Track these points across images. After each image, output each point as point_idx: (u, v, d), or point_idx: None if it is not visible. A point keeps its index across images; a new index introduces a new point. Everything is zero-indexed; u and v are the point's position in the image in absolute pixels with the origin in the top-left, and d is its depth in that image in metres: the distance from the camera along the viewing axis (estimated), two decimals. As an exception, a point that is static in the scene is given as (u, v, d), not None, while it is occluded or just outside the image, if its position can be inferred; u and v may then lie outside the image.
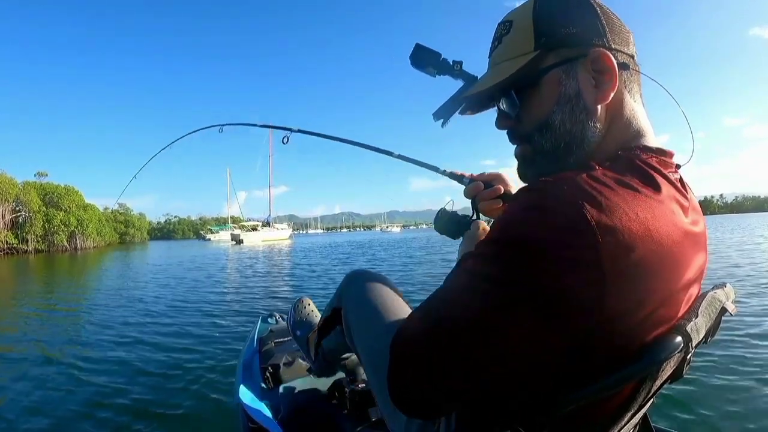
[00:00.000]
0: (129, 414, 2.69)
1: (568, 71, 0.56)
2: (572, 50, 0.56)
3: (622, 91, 0.56)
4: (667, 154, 0.56)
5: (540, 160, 0.61)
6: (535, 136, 0.59)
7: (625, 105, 0.57)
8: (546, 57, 0.57)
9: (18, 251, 52.39)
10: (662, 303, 0.49)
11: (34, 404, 2.94)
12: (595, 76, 0.55)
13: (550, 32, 0.56)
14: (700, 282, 0.56)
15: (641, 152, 0.54)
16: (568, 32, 0.55)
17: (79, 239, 60.61)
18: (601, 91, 0.55)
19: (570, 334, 0.46)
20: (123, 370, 3.64)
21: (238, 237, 56.38)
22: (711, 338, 0.60)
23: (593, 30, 0.56)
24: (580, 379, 0.49)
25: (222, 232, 78.32)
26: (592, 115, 0.56)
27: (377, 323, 0.91)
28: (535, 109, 0.59)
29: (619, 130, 0.57)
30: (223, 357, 3.77)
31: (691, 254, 0.51)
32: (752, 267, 7.94)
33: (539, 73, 0.57)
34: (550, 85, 0.57)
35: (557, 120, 0.57)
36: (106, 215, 75.70)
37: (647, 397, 0.56)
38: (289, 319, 1.52)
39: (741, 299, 5.12)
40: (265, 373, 1.88)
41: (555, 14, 0.56)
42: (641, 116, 0.58)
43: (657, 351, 0.49)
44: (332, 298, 1.13)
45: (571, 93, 0.56)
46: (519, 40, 0.58)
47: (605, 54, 0.54)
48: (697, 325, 0.52)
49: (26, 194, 56.28)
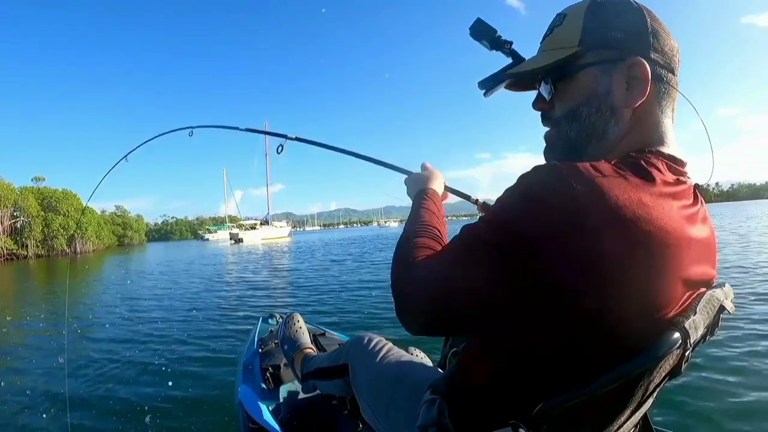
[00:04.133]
0: (129, 414, 2.70)
1: (604, 71, 0.59)
2: (613, 53, 0.58)
3: (652, 101, 0.59)
4: (678, 162, 0.58)
5: (562, 146, 0.65)
6: (563, 123, 0.64)
7: (652, 114, 0.59)
8: (587, 54, 0.60)
9: (18, 257, 52.16)
10: (650, 296, 0.49)
11: (35, 403, 2.96)
12: (629, 81, 0.57)
13: (596, 32, 0.59)
14: (701, 289, 0.56)
15: (651, 155, 0.56)
16: (613, 36, 0.58)
17: (78, 243, 60.48)
18: (630, 96, 0.57)
19: (561, 321, 0.48)
20: (123, 370, 3.65)
21: (237, 236, 56.24)
22: (710, 336, 0.62)
23: (637, 38, 0.58)
24: (579, 374, 0.50)
25: (220, 232, 78.05)
26: (617, 116, 0.59)
27: (387, 390, 1.01)
28: (568, 98, 0.63)
29: (639, 135, 0.59)
30: (223, 357, 3.79)
31: (689, 256, 0.51)
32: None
33: (577, 67, 0.60)
34: (585, 79, 0.60)
35: (584, 112, 0.60)
36: (104, 218, 75.55)
37: (646, 393, 0.56)
38: (280, 331, 1.62)
39: (754, 301, 5.06)
40: (265, 374, 1.89)
41: (605, 16, 0.59)
42: (666, 129, 0.60)
43: (656, 347, 0.50)
44: (338, 352, 1.27)
45: (602, 91, 0.59)
46: (567, 34, 0.62)
47: (642, 63, 0.56)
48: (695, 322, 0.53)
49: (24, 199, 55.99)
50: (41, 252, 56.12)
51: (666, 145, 0.59)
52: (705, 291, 0.59)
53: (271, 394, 1.79)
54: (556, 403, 0.50)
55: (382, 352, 1.13)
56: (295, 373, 1.52)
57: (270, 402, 1.70)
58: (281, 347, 1.60)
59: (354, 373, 1.15)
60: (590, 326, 0.48)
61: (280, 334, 1.61)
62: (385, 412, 0.98)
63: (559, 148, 0.66)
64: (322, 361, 1.34)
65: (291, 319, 1.62)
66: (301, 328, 1.59)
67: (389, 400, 0.97)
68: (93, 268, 19.56)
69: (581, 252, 0.45)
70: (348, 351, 1.22)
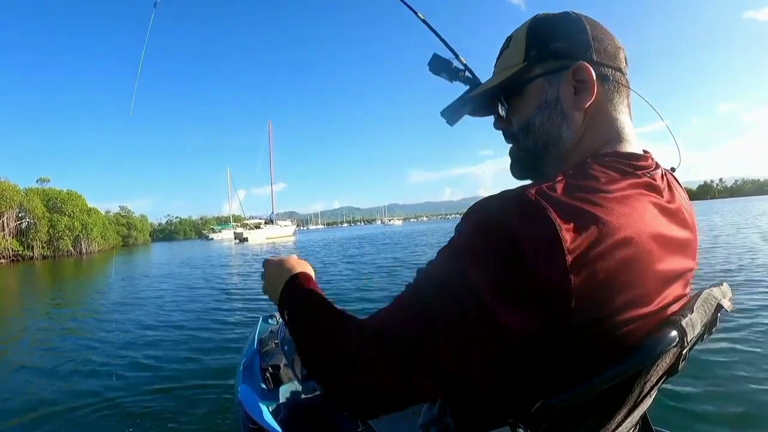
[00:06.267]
0: (128, 413, 2.71)
1: (550, 80, 0.63)
2: (557, 62, 0.62)
3: (602, 100, 0.62)
4: (641, 158, 0.60)
5: (524, 158, 0.68)
6: (520, 136, 0.67)
7: (604, 113, 0.62)
8: (533, 68, 0.64)
9: (23, 258, 52.63)
10: (628, 296, 0.49)
11: (36, 402, 2.99)
12: (576, 85, 0.61)
13: (539, 46, 0.63)
14: (683, 285, 0.58)
15: (608, 157, 0.58)
16: (555, 47, 0.62)
17: (83, 243, 60.89)
18: (579, 100, 0.61)
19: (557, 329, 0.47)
20: (123, 370, 3.67)
21: (241, 235, 56.60)
22: (708, 335, 0.63)
23: (579, 45, 0.62)
24: (577, 373, 0.50)
25: (224, 231, 78.55)
26: (568, 120, 0.62)
27: None
28: (521, 112, 0.66)
29: (595, 134, 0.62)
30: (223, 357, 3.79)
31: (658, 250, 0.51)
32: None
33: (525, 81, 0.64)
34: (534, 92, 0.64)
35: (537, 122, 0.64)
36: (108, 218, 76.04)
37: (644, 391, 0.57)
38: (280, 331, 1.63)
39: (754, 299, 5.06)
40: (265, 374, 1.88)
41: (545, 31, 0.64)
42: (621, 124, 0.63)
43: (652, 345, 0.50)
44: None
45: (551, 99, 0.63)
46: (513, 53, 0.66)
47: (585, 66, 0.60)
48: (692, 320, 0.54)
49: (30, 201, 56.49)
50: (47, 253, 56.63)
51: (624, 141, 0.62)
52: (702, 290, 0.60)
53: (271, 394, 1.77)
54: (554, 402, 0.50)
55: None
56: (295, 374, 1.51)
57: (270, 402, 1.68)
58: (281, 348, 1.59)
59: None
60: (586, 331, 0.48)
61: (280, 335, 1.61)
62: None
63: (522, 161, 0.69)
64: None
65: None
66: None
67: None
68: (98, 268, 19.66)
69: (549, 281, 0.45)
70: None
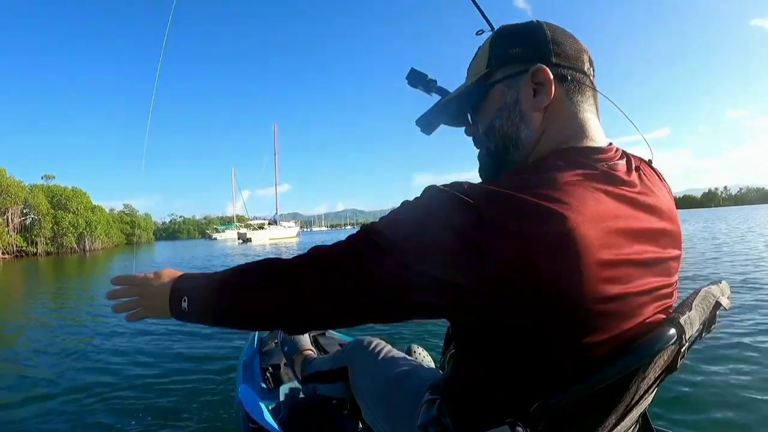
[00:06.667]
0: (128, 413, 2.71)
1: (510, 84, 0.65)
2: (516, 67, 0.65)
3: (561, 99, 0.63)
4: (599, 150, 0.60)
5: (488, 161, 0.71)
6: (485, 139, 0.70)
7: (563, 111, 0.64)
8: (494, 74, 0.67)
9: (27, 254, 52.93)
10: (573, 287, 0.47)
11: (37, 401, 2.99)
12: (535, 87, 0.63)
13: (500, 53, 0.67)
14: (663, 273, 0.57)
15: (563, 152, 0.59)
16: (514, 52, 0.65)
17: (87, 241, 61.18)
18: (537, 100, 0.63)
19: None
20: (122, 369, 3.66)
21: (245, 236, 56.79)
22: (706, 333, 0.63)
23: (537, 49, 0.64)
24: (575, 371, 0.50)
25: (228, 231, 78.72)
26: (526, 120, 0.64)
27: (388, 392, 1.03)
28: (485, 116, 0.69)
29: (553, 132, 0.63)
30: (223, 357, 3.79)
31: (615, 240, 0.50)
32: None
33: (488, 86, 0.68)
34: (495, 96, 0.67)
35: (498, 124, 0.67)
36: (112, 216, 76.37)
37: (644, 389, 0.57)
38: (280, 332, 1.64)
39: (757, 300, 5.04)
40: (265, 374, 1.88)
41: (506, 39, 0.67)
42: (583, 122, 0.64)
43: (650, 343, 0.50)
44: (338, 356, 1.29)
45: (511, 102, 0.65)
46: (479, 62, 0.70)
47: (542, 68, 0.62)
48: (690, 318, 0.54)
49: (34, 197, 56.82)
50: (51, 249, 56.95)
51: (586, 137, 0.63)
52: (701, 288, 0.62)
53: (271, 393, 1.78)
54: (552, 400, 0.50)
55: (382, 355, 1.15)
56: (295, 373, 1.53)
57: (270, 402, 1.68)
58: (281, 349, 1.61)
59: (354, 376, 1.17)
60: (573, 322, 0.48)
61: (280, 336, 1.62)
62: (385, 414, 1.01)
63: (488, 164, 0.71)
64: (321, 364, 1.35)
65: None
66: None
67: (390, 402, 1.00)
68: (100, 265, 19.70)
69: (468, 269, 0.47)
70: (348, 354, 1.24)
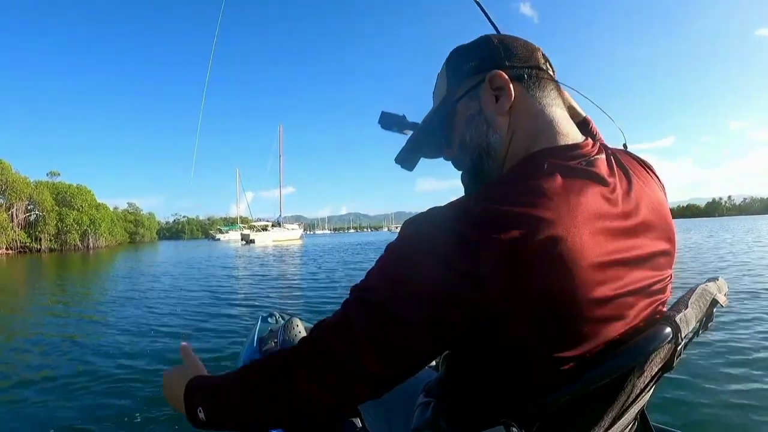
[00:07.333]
0: (126, 413, 2.70)
1: (472, 96, 0.65)
2: (473, 79, 0.65)
3: (523, 98, 0.63)
4: (575, 147, 0.60)
5: (469, 181, 0.70)
6: (460, 157, 0.69)
7: (528, 109, 0.63)
8: (455, 92, 0.67)
9: (31, 250, 52.95)
10: (568, 286, 0.47)
11: (38, 400, 3.01)
12: (496, 93, 0.62)
13: (456, 71, 0.67)
14: (653, 267, 0.57)
15: (538, 155, 0.58)
16: (470, 66, 0.66)
17: (91, 238, 61.29)
18: (499, 104, 0.62)
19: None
20: (122, 368, 3.63)
21: (248, 237, 56.12)
22: (703, 331, 0.62)
23: (489, 58, 0.64)
24: (569, 371, 0.50)
25: (231, 232, 77.98)
26: (493, 125, 0.63)
27: (385, 397, 1.07)
28: (456, 135, 0.68)
29: (522, 130, 0.63)
30: (223, 356, 3.80)
31: (602, 240, 0.50)
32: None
33: (452, 105, 0.67)
34: (461, 112, 0.66)
35: (468, 137, 0.66)
36: (117, 214, 76.35)
37: (640, 388, 0.57)
38: (279, 335, 1.68)
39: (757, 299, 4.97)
40: None
41: (461, 56, 0.68)
42: (550, 115, 0.63)
43: (645, 342, 0.50)
44: None
45: (475, 112, 0.65)
46: (440, 86, 0.71)
47: (498, 73, 0.62)
48: (686, 316, 0.53)
49: (39, 193, 56.85)
50: (54, 246, 57.00)
51: (557, 132, 0.62)
52: (698, 285, 0.61)
53: None
54: (547, 400, 0.50)
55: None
56: None
57: None
58: (281, 348, 1.58)
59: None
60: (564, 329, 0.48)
61: (279, 339, 1.64)
62: (384, 416, 1.00)
63: (470, 184, 0.69)
64: None
65: (290, 324, 1.66)
66: (300, 332, 1.64)
67: (386, 404, 0.98)
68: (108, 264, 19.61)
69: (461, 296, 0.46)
70: None
